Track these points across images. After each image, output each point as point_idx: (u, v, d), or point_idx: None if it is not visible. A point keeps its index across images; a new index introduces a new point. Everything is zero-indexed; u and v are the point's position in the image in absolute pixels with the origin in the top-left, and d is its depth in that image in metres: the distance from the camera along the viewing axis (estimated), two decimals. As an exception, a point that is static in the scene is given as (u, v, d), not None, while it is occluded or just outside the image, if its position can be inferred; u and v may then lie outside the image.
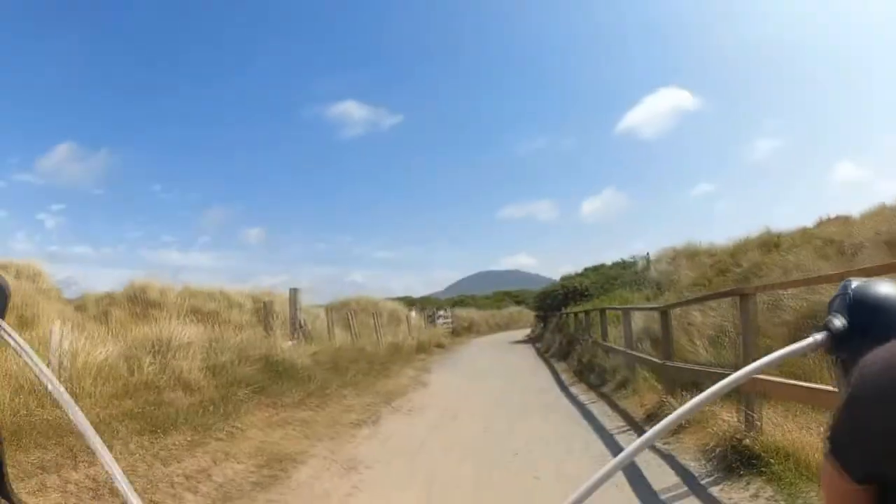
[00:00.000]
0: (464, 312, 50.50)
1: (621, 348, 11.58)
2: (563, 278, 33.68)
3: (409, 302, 44.65)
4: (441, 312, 43.32)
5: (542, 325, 35.58)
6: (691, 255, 21.96)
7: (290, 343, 15.27)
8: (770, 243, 17.48)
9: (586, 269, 34.58)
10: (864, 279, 0.78)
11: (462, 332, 43.19)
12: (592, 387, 11.93)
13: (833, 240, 14.48)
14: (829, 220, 18.67)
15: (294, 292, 16.29)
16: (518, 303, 62.54)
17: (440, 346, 29.25)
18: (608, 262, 34.26)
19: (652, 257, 27.08)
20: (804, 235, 16.76)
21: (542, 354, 21.72)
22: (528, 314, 52.71)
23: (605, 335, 13.31)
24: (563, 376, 14.73)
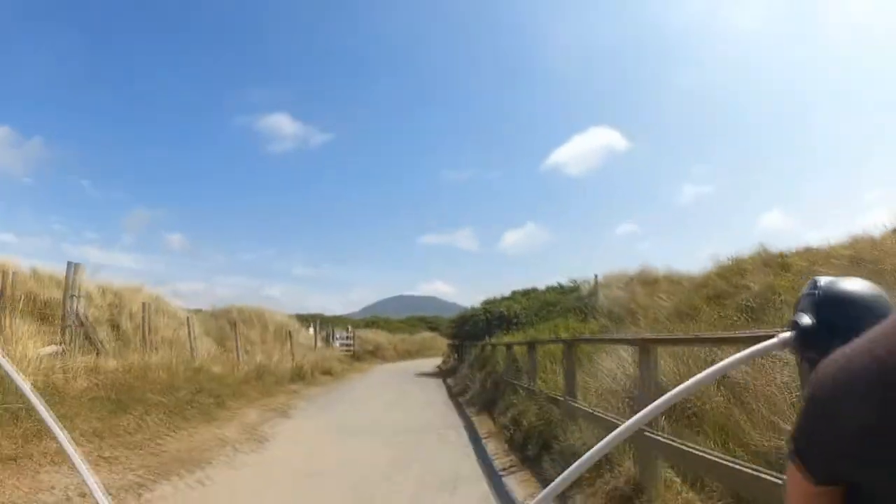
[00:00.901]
0: (370, 334, 44.61)
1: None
2: (486, 302, 28.22)
3: (306, 319, 38.46)
4: (341, 333, 37.14)
5: (456, 355, 30.02)
6: (648, 281, 18.65)
7: (49, 350, 9.22)
8: (773, 263, 13.17)
9: (514, 293, 29.30)
10: (833, 276, 0.76)
11: (365, 356, 37.26)
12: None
13: (863, 258, 10.49)
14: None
15: (72, 269, 10.16)
16: (432, 329, 58.77)
17: (329, 372, 23.31)
18: (540, 287, 29.16)
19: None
20: (821, 255, 12.55)
21: (457, 397, 16.15)
22: (442, 342, 48.94)
23: (571, 390, 7.53)
24: (491, 447, 9.07)
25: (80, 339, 10.21)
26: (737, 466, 3.88)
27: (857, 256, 10.77)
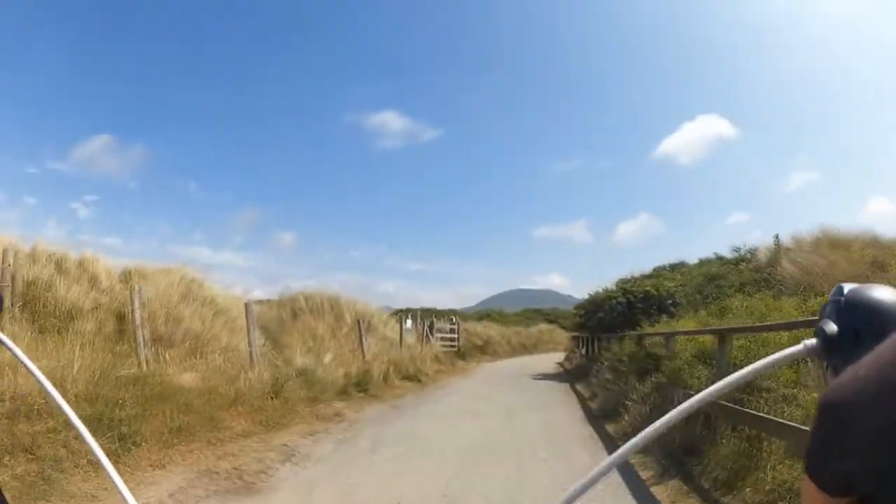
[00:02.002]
0: (479, 327, 38.29)
1: None
2: (623, 282, 21.21)
3: (406, 312, 32.75)
4: (443, 325, 30.67)
5: (584, 350, 23.27)
6: (838, 244, 14.49)
7: None
8: None
9: (657, 269, 22.29)
10: (858, 283, 0.75)
11: (472, 352, 31.02)
12: None
13: None
14: None
15: None
16: (549, 321, 53.15)
17: (414, 377, 17.33)
18: (690, 260, 22.10)
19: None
20: None
21: (600, 423, 9.67)
22: (561, 334, 42.30)
23: None
24: None
25: None
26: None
27: None
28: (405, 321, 26.01)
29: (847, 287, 0.74)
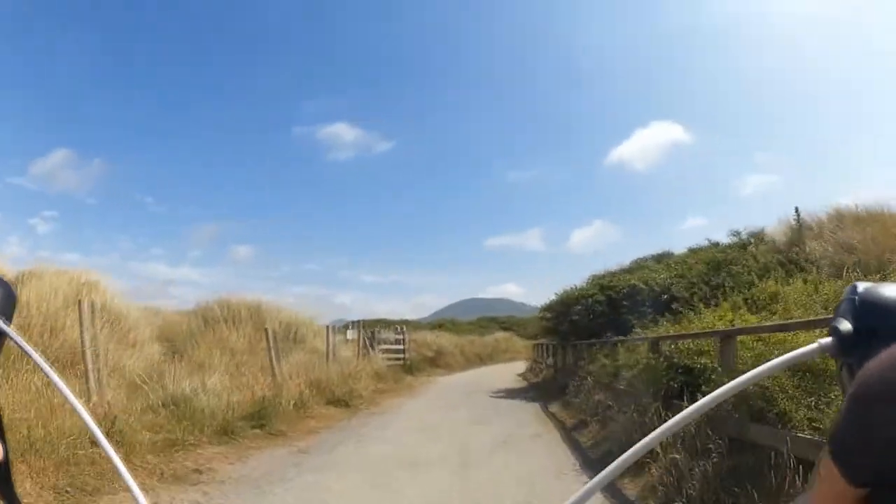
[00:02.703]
0: (429, 337, 34.68)
1: None
2: (597, 278, 17.79)
3: (353, 323, 29.04)
4: (387, 335, 26.88)
5: (550, 360, 19.92)
6: (863, 220, 13.11)
7: None
8: None
9: (639, 261, 19.09)
10: (872, 282, 0.73)
11: (422, 366, 27.40)
12: None
13: None
14: None
15: None
16: (505, 329, 51.85)
17: (342, 401, 13.60)
18: (675, 251, 19.06)
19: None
20: None
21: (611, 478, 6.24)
22: (518, 342, 41.36)
23: None
24: None
25: None
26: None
27: None
28: (347, 331, 22.31)
29: (861, 285, 0.71)
